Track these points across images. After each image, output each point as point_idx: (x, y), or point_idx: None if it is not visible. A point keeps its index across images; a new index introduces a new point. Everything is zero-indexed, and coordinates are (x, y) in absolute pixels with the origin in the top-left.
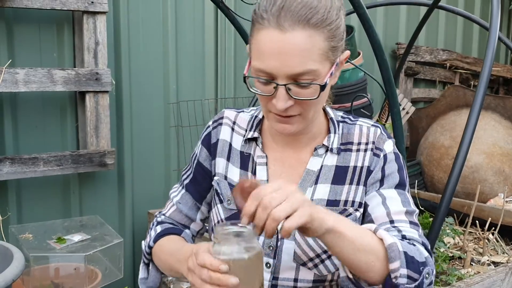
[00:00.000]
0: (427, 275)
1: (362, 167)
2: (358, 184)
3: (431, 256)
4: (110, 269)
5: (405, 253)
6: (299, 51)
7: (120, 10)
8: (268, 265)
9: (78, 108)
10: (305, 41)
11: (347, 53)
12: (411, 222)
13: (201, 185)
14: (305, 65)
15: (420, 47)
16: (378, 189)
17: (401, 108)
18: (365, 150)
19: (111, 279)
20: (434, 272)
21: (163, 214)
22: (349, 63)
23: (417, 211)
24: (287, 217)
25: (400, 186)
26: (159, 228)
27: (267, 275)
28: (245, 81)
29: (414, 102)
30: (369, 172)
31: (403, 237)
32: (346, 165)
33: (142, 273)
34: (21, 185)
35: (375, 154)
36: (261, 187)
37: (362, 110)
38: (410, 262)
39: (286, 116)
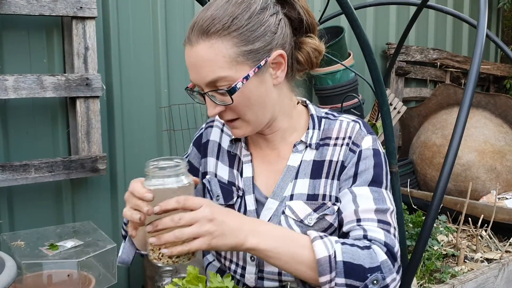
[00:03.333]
0: (374, 281)
1: (337, 162)
2: (333, 178)
3: (394, 259)
4: (103, 274)
5: (344, 263)
6: (204, 62)
7: (109, 14)
8: (253, 258)
9: (69, 113)
10: (207, 51)
11: (278, 52)
12: (380, 221)
13: None
14: (213, 73)
15: (410, 46)
16: (350, 186)
17: (392, 107)
18: (341, 145)
19: (104, 285)
20: (391, 278)
21: None
22: (339, 64)
23: (393, 208)
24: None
25: (374, 183)
26: None
27: (253, 269)
28: (188, 94)
29: (405, 101)
30: (343, 167)
31: (365, 237)
32: (323, 159)
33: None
34: (13, 192)
35: (351, 150)
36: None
37: (352, 110)
38: (351, 271)
39: (228, 121)
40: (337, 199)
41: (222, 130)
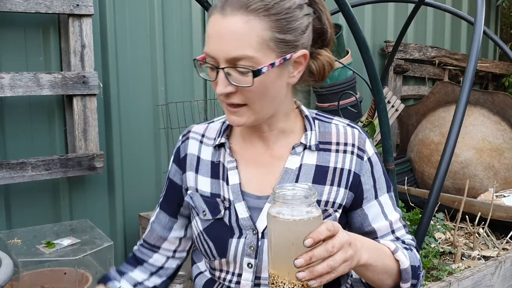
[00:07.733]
0: (422, 276)
1: (342, 169)
2: (339, 185)
3: (419, 254)
4: (100, 272)
5: (412, 267)
6: (235, 35)
7: (106, 12)
8: (250, 265)
9: (65, 111)
10: (242, 26)
11: (303, 51)
12: (404, 226)
13: (173, 200)
14: (241, 50)
15: (408, 44)
16: (375, 197)
17: (390, 105)
18: (345, 152)
19: None
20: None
21: (141, 239)
22: (337, 61)
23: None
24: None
25: (388, 188)
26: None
27: (249, 276)
28: (195, 65)
29: (403, 99)
30: (355, 175)
31: (403, 243)
32: (326, 165)
33: None
34: (10, 190)
35: (359, 156)
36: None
37: (349, 108)
38: (413, 272)
39: (232, 106)
40: (340, 206)
41: (201, 142)
